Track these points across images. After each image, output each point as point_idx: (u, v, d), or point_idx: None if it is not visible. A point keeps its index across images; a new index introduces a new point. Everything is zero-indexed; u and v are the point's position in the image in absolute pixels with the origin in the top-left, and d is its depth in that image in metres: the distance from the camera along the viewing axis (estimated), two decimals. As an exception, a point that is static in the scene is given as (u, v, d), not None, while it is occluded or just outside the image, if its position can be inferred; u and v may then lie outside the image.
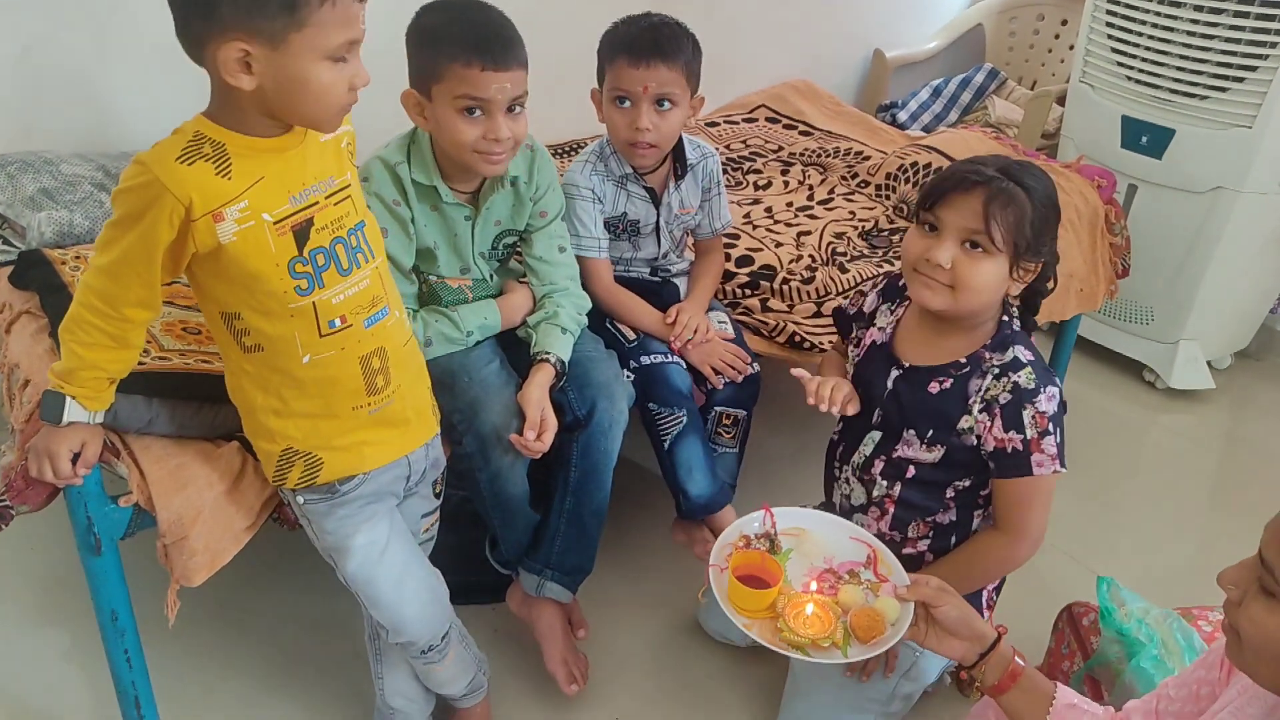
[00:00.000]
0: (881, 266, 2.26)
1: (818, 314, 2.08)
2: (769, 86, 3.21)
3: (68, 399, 1.26)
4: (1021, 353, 1.48)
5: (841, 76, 3.53)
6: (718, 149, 2.29)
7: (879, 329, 1.64)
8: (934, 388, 1.52)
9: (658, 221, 1.90)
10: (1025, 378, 1.45)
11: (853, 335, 1.72)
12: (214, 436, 1.49)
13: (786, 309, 2.09)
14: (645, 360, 1.79)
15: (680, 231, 1.97)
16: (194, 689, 1.79)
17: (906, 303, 1.62)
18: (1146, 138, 2.65)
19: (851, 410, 1.58)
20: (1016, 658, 1.32)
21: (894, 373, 1.57)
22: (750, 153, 2.83)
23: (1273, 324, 3.06)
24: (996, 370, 1.47)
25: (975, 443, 1.50)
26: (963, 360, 1.51)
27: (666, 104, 1.74)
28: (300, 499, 1.39)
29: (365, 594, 1.46)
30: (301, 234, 1.23)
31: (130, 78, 2.19)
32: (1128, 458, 2.65)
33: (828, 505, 1.71)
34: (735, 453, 1.92)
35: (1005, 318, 1.53)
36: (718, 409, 1.88)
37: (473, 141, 1.52)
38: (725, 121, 3.02)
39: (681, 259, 2.04)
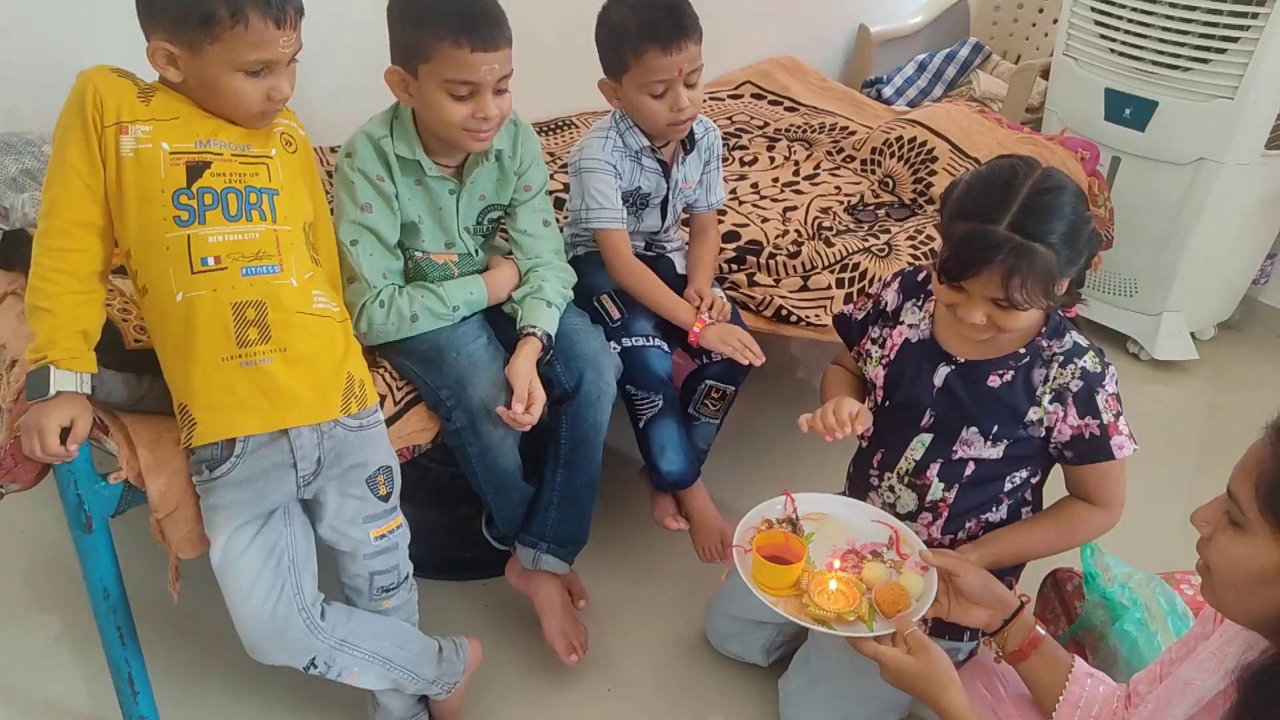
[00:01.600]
0: (867, 240, 2.27)
1: (804, 288, 2.09)
2: (755, 63, 3.21)
3: (50, 368, 1.28)
4: (1079, 338, 1.46)
5: (827, 52, 3.52)
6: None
7: (910, 326, 1.57)
8: (994, 381, 1.48)
9: (667, 194, 1.89)
10: (1091, 363, 1.44)
11: (875, 337, 1.63)
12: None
13: (773, 283, 2.10)
14: (627, 342, 1.79)
15: (681, 205, 1.97)
16: (187, 667, 1.80)
17: (933, 297, 1.56)
18: (1130, 110, 2.66)
19: (860, 428, 1.49)
20: (1037, 626, 1.35)
21: (944, 369, 1.51)
22: (736, 129, 2.83)
23: (1255, 295, 3.08)
24: (1061, 358, 1.45)
25: (1043, 434, 1.47)
26: (1021, 351, 1.47)
27: (695, 77, 1.74)
28: (195, 479, 1.38)
29: (224, 592, 1.42)
30: (194, 170, 1.33)
31: (111, 56, 2.16)
32: (1112, 429, 2.68)
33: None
34: (716, 424, 1.95)
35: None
36: (709, 382, 1.89)
37: (461, 120, 1.52)
38: (711, 98, 3.01)
39: (677, 235, 2.04)
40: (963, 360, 1.50)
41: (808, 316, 2.01)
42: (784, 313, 2.00)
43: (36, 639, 1.84)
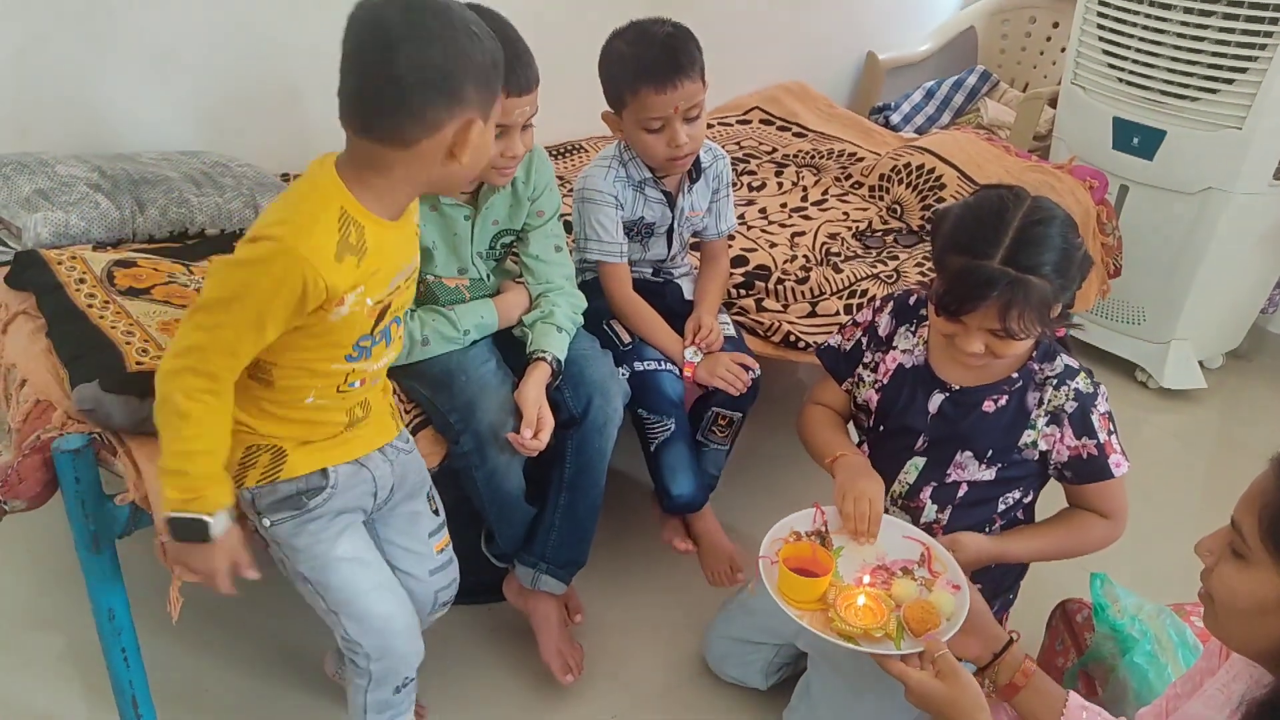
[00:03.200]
0: (875, 267, 2.27)
1: (812, 314, 2.10)
2: (763, 89, 3.22)
3: (207, 521, 1.20)
4: (1069, 360, 1.49)
5: (835, 79, 3.54)
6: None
7: (904, 351, 1.59)
8: (989, 406, 1.50)
9: (672, 224, 1.90)
10: (1083, 384, 1.47)
11: (868, 361, 1.64)
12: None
13: (781, 309, 2.10)
14: (639, 366, 1.80)
15: (688, 233, 1.98)
16: (191, 688, 1.79)
17: (926, 322, 1.58)
18: (1138, 139, 2.67)
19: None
20: (1026, 660, 1.34)
21: (939, 396, 1.54)
22: (744, 154, 2.84)
23: (1264, 324, 3.08)
24: (1054, 380, 1.47)
25: (1038, 456, 1.50)
26: (1014, 375, 1.49)
27: (694, 112, 1.75)
28: (266, 521, 1.33)
29: (350, 610, 1.40)
30: (380, 314, 1.26)
31: (125, 80, 2.20)
32: (1120, 457, 2.67)
33: None
34: (725, 450, 1.95)
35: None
36: (715, 409, 1.89)
37: (490, 159, 1.52)
38: (719, 124, 3.03)
39: (684, 261, 2.04)
40: (958, 387, 1.52)
41: (816, 342, 2.01)
42: (792, 338, 2.00)
43: (41, 657, 1.84)
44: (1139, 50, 2.59)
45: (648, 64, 1.68)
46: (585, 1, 2.75)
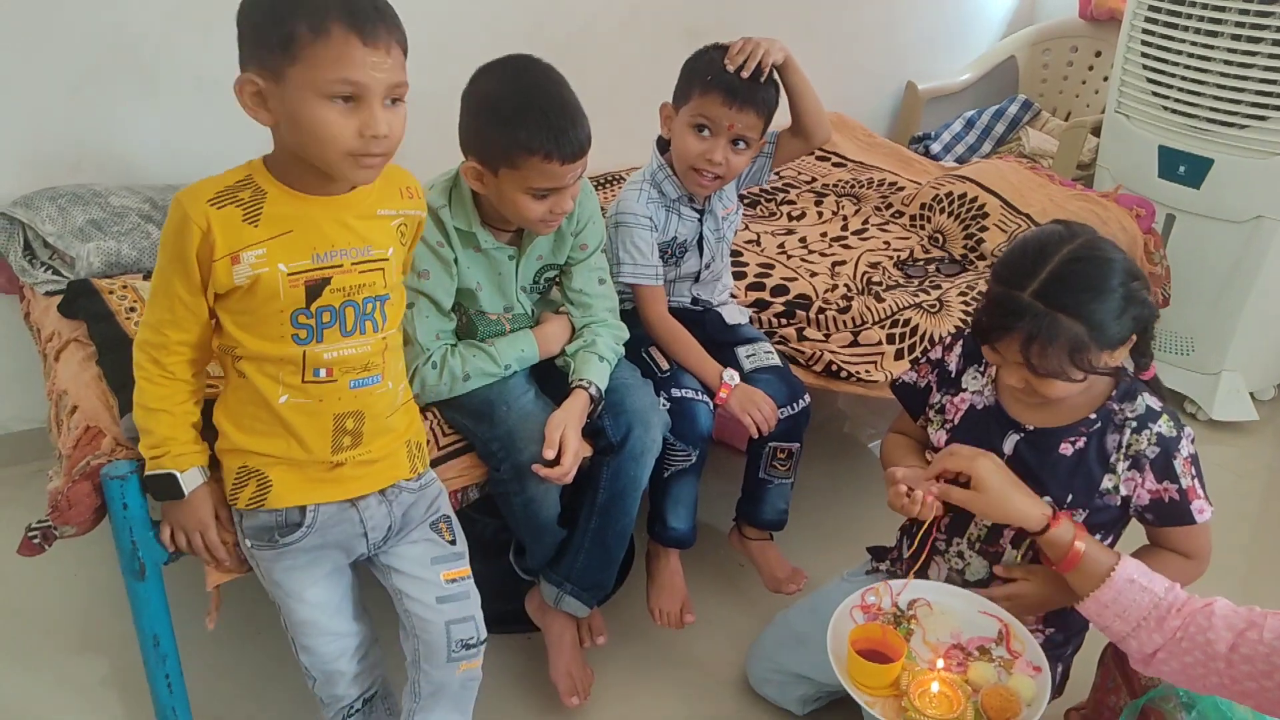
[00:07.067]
0: (918, 296, 2.25)
1: (854, 343, 2.08)
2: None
3: (175, 474, 1.31)
4: (1152, 400, 1.44)
5: (874, 109, 3.54)
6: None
7: (974, 393, 1.57)
8: (1065, 449, 1.46)
9: (701, 233, 1.91)
10: (1166, 426, 1.42)
11: (934, 403, 1.62)
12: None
13: (823, 338, 2.08)
14: (676, 393, 1.79)
15: (730, 232, 1.98)
16: (233, 715, 1.79)
17: None
18: (1184, 167, 2.63)
19: (927, 514, 1.46)
20: (1076, 542, 1.36)
21: (1013, 437, 1.49)
22: (784, 184, 2.84)
23: (1316, 355, 3.00)
24: (1134, 424, 1.42)
25: (1119, 501, 1.45)
26: (1092, 416, 1.45)
27: (742, 144, 1.77)
28: (248, 542, 1.38)
29: (303, 642, 1.44)
30: (313, 290, 1.25)
31: (175, 113, 2.25)
32: (1170, 490, 2.61)
33: (920, 576, 1.60)
34: (789, 482, 1.95)
35: (1120, 365, 1.45)
36: (772, 445, 1.89)
37: (539, 216, 1.54)
38: (758, 153, 3.03)
39: (725, 284, 2.04)
40: (1032, 428, 1.48)
41: (858, 372, 1.99)
42: (834, 368, 1.99)
43: (85, 681, 1.85)
44: (1184, 78, 2.56)
45: (729, 79, 1.72)
46: (623, 38, 2.78)
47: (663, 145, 1.87)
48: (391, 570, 1.48)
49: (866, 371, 2.01)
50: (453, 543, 1.52)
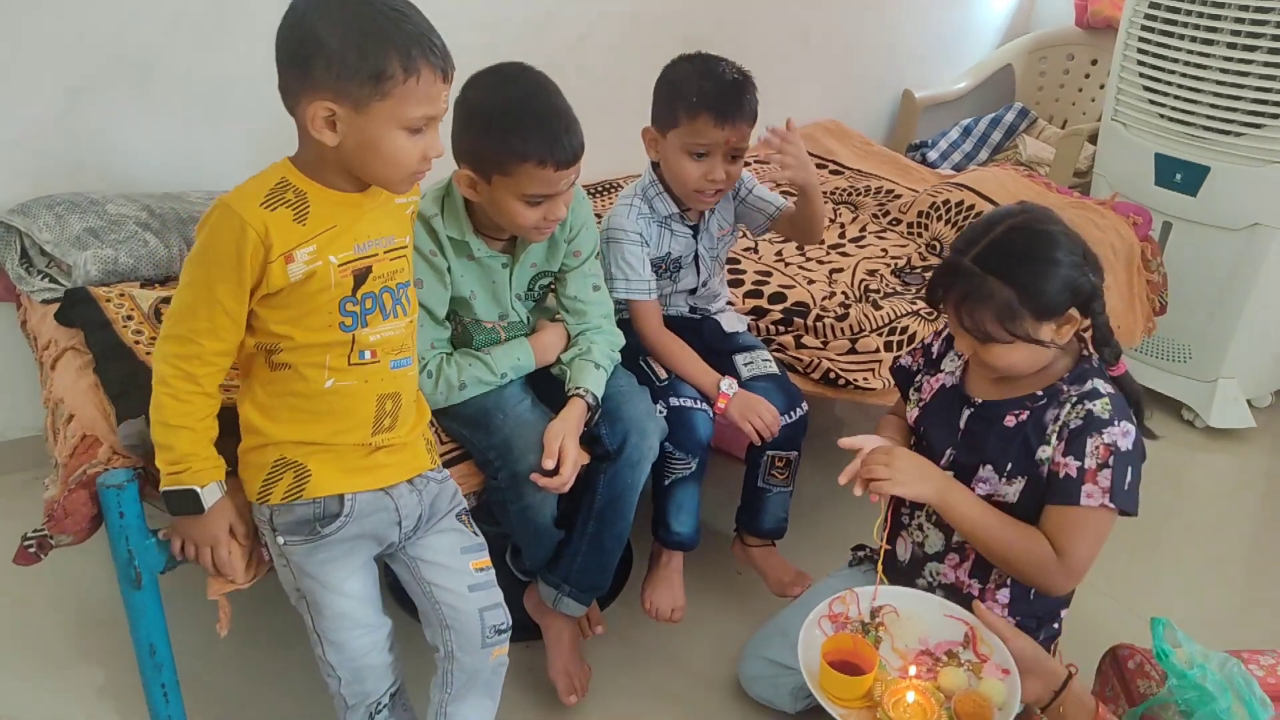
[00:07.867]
0: (915, 304, 2.25)
1: (852, 350, 2.08)
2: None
3: (197, 490, 1.32)
4: (1101, 385, 1.45)
5: (871, 117, 3.55)
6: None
7: (946, 373, 1.63)
8: (1010, 420, 1.49)
9: (696, 250, 1.90)
10: (1100, 407, 1.42)
11: (916, 383, 1.69)
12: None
13: (820, 345, 2.09)
14: (675, 402, 1.80)
15: (724, 252, 1.98)
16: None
17: None
18: (1180, 175, 2.63)
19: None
20: (1100, 705, 1.31)
21: (966, 411, 1.55)
22: (781, 192, 2.84)
23: (1313, 362, 3.00)
24: (1074, 399, 1.44)
25: (1049, 472, 1.46)
26: (1039, 393, 1.48)
27: (738, 152, 1.77)
28: (281, 540, 1.38)
29: (333, 638, 1.43)
30: (360, 277, 1.32)
31: (172, 122, 2.25)
32: (1167, 498, 2.60)
33: (890, 556, 1.65)
34: (788, 490, 1.96)
35: (1085, 352, 1.50)
36: (770, 453, 1.90)
37: (533, 223, 1.54)
38: (756, 162, 3.02)
39: (722, 293, 2.04)
40: (981, 401, 1.53)
41: (856, 379, 2.00)
42: (832, 375, 1.99)
43: (82, 691, 1.84)
44: (1180, 86, 2.57)
45: (714, 95, 1.71)
46: (621, 44, 2.78)
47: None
48: (420, 562, 1.49)
49: (864, 379, 2.01)
50: (475, 534, 1.56)
